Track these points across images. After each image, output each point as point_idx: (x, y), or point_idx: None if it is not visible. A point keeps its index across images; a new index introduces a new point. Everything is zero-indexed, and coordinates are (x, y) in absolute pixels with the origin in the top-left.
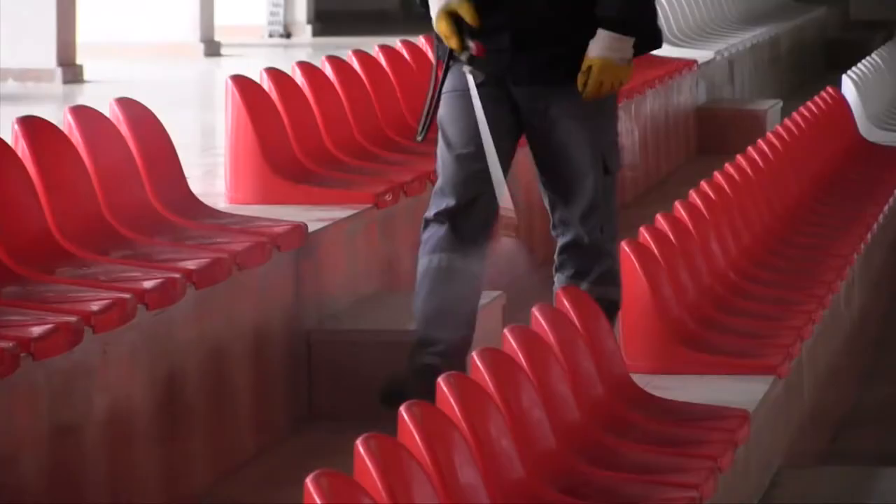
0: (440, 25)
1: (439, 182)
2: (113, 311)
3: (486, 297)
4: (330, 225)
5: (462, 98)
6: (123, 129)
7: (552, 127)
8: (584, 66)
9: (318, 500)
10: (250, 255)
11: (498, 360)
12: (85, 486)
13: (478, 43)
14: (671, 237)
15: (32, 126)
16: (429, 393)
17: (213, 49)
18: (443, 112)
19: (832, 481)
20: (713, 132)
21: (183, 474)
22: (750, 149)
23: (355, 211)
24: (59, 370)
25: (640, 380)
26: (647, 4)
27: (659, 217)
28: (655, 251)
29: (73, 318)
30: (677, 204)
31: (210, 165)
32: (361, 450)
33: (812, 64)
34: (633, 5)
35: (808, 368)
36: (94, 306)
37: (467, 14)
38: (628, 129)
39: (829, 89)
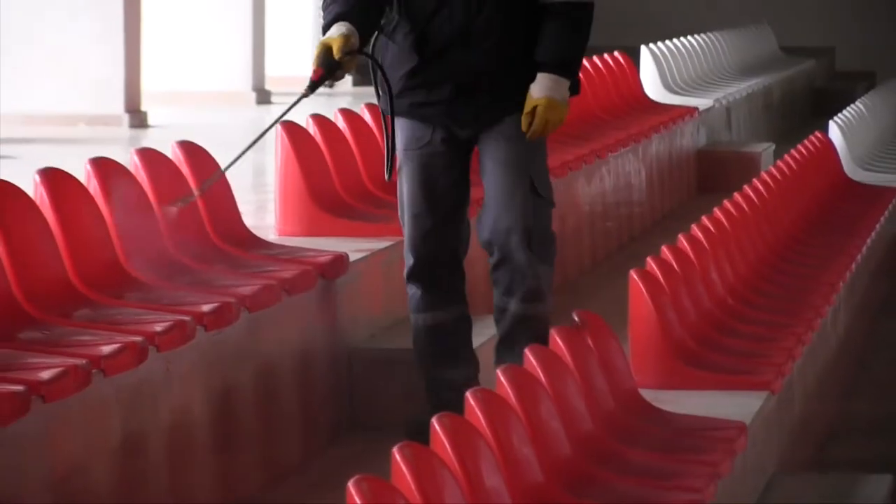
0: (315, 54)
1: (404, 240)
2: (175, 332)
3: None
4: (369, 255)
5: (414, 157)
6: (184, 168)
7: (489, 152)
8: (527, 108)
9: (358, 502)
10: (297, 282)
11: (520, 376)
12: (148, 490)
13: (317, 67)
14: (675, 266)
15: (103, 166)
16: None
17: (264, 97)
18: (402, 169)
19: (820, 487)
20: (712, 172)
21: (235, 480)
22: (746, 187)
23: (391, 242)
24: (127, 385)
25: (647, 394)
26: (580, 51)
27: (664, 248)
28: (661, 279)
29: (139, 339)
30: (680, 237)
31: (261, 201)
32: (398, 457)
33: (801, 111)
34: (569, 51)
35: (798, 384)
36: (158, 327)
37: (337, 48)
38: (636, 169)
39: (818, 134)
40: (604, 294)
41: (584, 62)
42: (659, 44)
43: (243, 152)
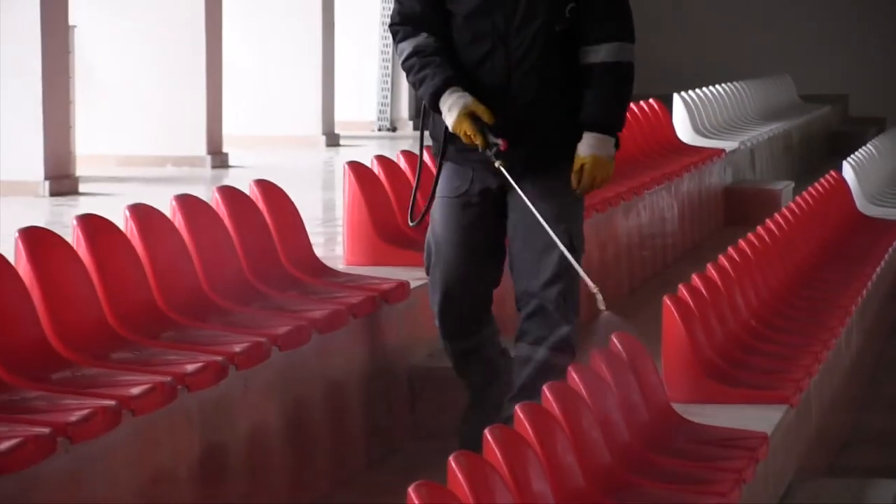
0: (463, 125)
1: (432, 276)
2: (252, 352)
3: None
4: (426, 282)
5: (450, 205)
6: (261, 204)
7: (524, 206)
8: (576, 166)
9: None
10: (363, 307)
11: (564, 392)
12: (228, 494)
13: (503, 139)
14: (704, 292)
15: (186, 201)
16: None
17: (333, 140)
18: (436, 213)
19: (835, 492)
20: (738, 207)
21: (306, 484)
22: (768, 221)
23: None
24: (209, 400)
25: (678, 407)
26: (623, 109)
27: (694, 276)
28: (691, 304)
29: (220, 358)
30: (709, 266)
31: (331, 234)
32: (453, 464)
33: (818, 152)
34: (612, 110)
35: (814, 399)
36: (238, 348)
37: (485, 114)
38: (669, 204)
39: (832, 173)
40: (640, 316)
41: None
42: (689, 92)
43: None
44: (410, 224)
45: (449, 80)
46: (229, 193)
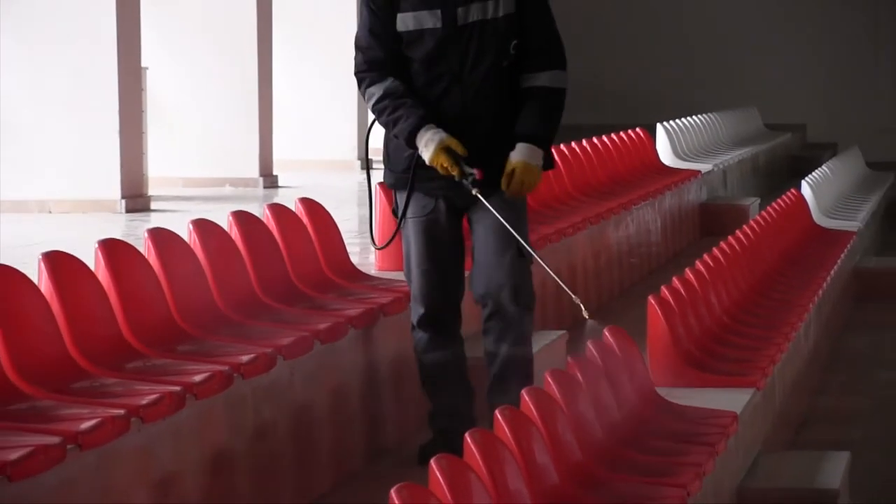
0: (440, 158)
1: (412, 293)
2: (297, 345)
3: (554, 334)
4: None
5: (421, 224)
6: (305, 219)
7: (481, 218)
8: (507, 170)
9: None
10: (393, 306)
11: (540, 396)
12: (276, 468)
13: (478, 169)
14: (683, 293)
15: (242, 217)
16: (451, 450)
17: (366, 164)
18: (409, 233)
19: (794, 463)
20: (712, 220)
21: (347, 455)
22: (738, 232)
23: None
24: (260, 386)
25: (662, 391)
26: (554, 126)
27: (675, 280)
28: (672, 303)
29: (269, 350)
30: (687, 270)
31: (365, 244)
32: (434, 467)
33: (781, 173)
34: (543, 125)
35: (778, 383)
36: (285, 341)
37: (458, 147)
38: (653, 218)
39: (793, 191)
40: (629, 314)
41: (615, 137)
42: (670, 122)
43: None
44: (375, 248)
45: (423, 118)
46: (278, 210)
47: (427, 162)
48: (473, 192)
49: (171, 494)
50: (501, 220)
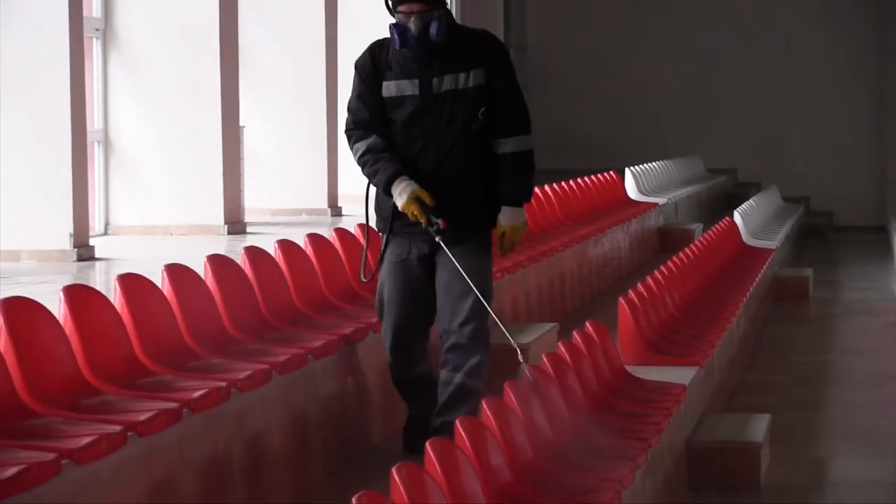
0: (411, 207)
1: (383, 324)
2: (293, 361)
3: (547, 326)
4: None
5: (395, 268)
6: (361, 239)
7: (447, 262)
8: (498, 233)
9: None
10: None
11: (497, 406)
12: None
13: (442, 219)
14: (645, 295)
15: (315, 238)
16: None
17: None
18: (384, 275)
19: (729, 422)
20: (667, 240)
21: (355, 440)
22: (686, 249)
23: None
24: (249, 399)
25: (629, 369)
26: (531, 184)
27: (639, 285)
28: (637, 302)
29: (265, 366)
30: (648, 278)
31: None
32: (394, 474)
33: (718, 205)
34: (522, 187)
35: (716, 363)
36: (281, 358)
37: (427, 198)
38: (622, 238)
39: (727, 218)
40: (605, 311)
41: (595, 177)
42: (635, 166)
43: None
44: (363, 280)
45: (399, 171)
46: (342, 233)
47: (399, 209)
48: (437, 239)
49: None
50: (461, 268)
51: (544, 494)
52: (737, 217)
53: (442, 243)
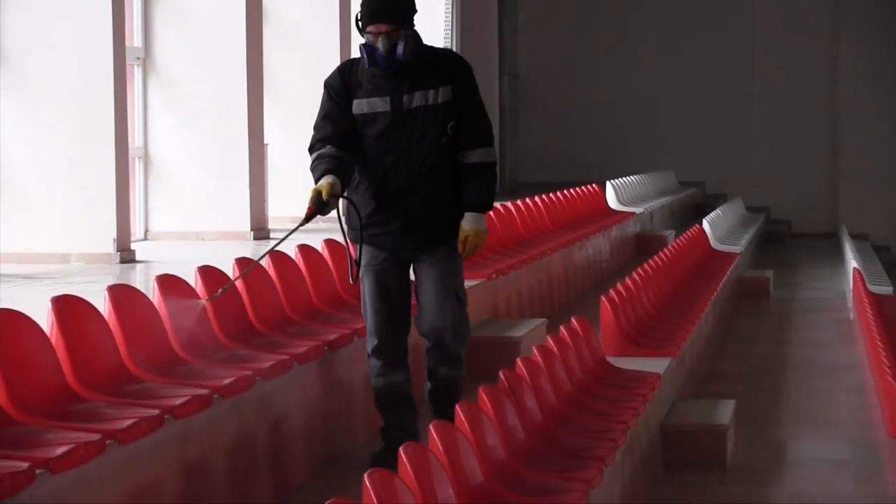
0: (310, 198)
1: (367, 328)
2: (277, 368)
3: (536, 322)
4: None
5: (373, 271)
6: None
7: (425, 272)
8: (461, 237)
9: None
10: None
11: (469, 409)
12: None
13: (309, 206)
14: (624, 294)
15: (332, 245)
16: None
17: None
18: (364, 279)
19: (698, 407)
20: (643, 245)
21: (340, 442)
22: (660, 253)
23: (477, 282)
24: (240, 400)
25: (610, 359)
26: (492, 194)
27: (618, 285)
28: (616, 300)
29: (249, 373)
30: (627, 279)
31: None
32: (367, 481)
33: (688, 214)
34: (484, 195)
35: (687, 353)
36: (267, 364)
37: (325, 193)
38: (604, 244)
39: (697, 226)
40: (588, 308)
41: (579, 189)
42: (616, 179)
43: (263, 255)
44: (351, 282)
45: (328, 170)
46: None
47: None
48: (299, 222)
49: None
50: (439, 275)
51: (516, 495)
52: (705, 225)
53: (299, 225)
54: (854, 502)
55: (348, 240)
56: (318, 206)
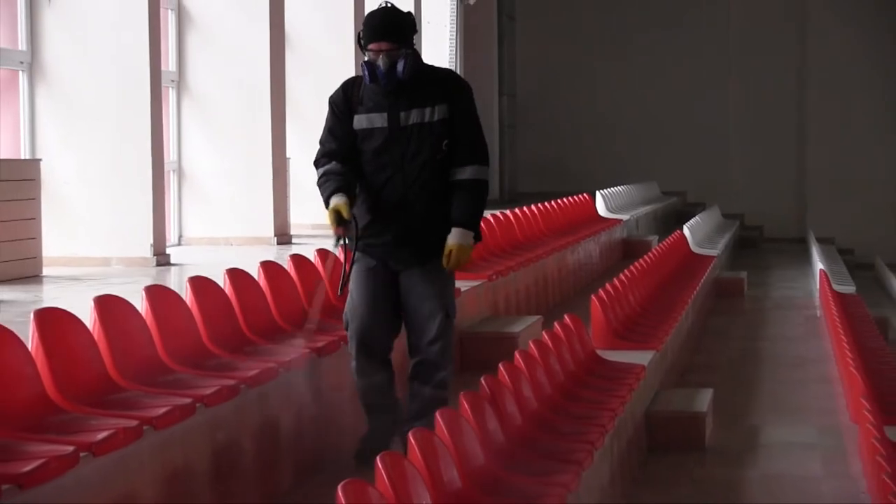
0: (329, 218)
1: (350, 329)
2: (264, 375)
3: (532, 319)
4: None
5: (363, 276)
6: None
7: (414, 286)
8: (446, 251)
9: None
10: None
11: (449, 415)
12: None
13: (343, 227)
14: (612, 293)
15: (297, 259)
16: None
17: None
18: (352, 285)
19: (679, 396)
20: (629, 249)
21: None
22: (645, 256)
23: (477, 283)
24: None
25: (599, 352)
26: (480, 211)
27: (607, 285)
28: (605, 299)
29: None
30: (615, 279)
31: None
32: (340, 493)
33: (670, 221)
34: (472, 212)
35: (670, 347)
36: (251, 373)
37: (345, 212)
38: (594, 248)
39: (678, 231)
40: (580, 305)
41: (572, 198)
42: (605, 189)
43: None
44: (339, 294)
45: (338, 188)
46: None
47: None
48: (339, 245)
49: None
50: (428, 290)
51: (494, 501)
52: (686, 230)
53: (337, 245)
54: (821, 481)
55: (348, 251)
56: (345, 226)
